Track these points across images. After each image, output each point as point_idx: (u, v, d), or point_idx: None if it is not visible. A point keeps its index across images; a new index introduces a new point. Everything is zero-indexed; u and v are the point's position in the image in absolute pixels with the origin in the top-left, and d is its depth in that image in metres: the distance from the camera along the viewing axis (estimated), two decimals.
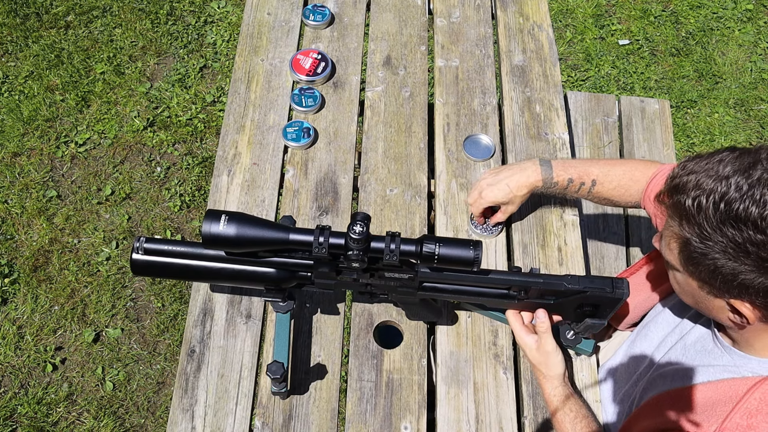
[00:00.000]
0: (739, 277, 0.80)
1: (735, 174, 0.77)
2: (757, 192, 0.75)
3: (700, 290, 0.90)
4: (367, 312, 1.27)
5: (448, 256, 1.01)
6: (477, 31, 1.69)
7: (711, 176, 0.80)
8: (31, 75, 2.66)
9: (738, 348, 0.97)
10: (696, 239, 0.81)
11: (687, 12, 3.14)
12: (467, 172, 1.46)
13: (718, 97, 2.88)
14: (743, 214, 0.75)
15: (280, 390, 1.13)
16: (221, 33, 2.86)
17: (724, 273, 0.81)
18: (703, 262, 0.83)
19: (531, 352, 1.17)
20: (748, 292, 0.82)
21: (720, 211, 0.77)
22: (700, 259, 0.83)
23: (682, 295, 0.99)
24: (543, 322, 1.15)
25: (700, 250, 0.82)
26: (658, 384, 1.07)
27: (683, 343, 1.09)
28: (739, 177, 0.77)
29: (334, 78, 1.58)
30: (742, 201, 0.75)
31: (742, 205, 0.75)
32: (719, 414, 0.89)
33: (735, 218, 0.76)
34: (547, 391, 1.16)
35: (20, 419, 1.99)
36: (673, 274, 0.96)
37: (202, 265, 1.09)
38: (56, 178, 2.44)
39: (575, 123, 2.09)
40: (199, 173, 2.49)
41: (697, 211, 0.79)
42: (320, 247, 1.01)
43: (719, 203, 0.77)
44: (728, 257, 0.79)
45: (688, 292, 0.95)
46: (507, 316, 1.20)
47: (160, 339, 2.17)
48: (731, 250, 0.78)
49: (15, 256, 2.26)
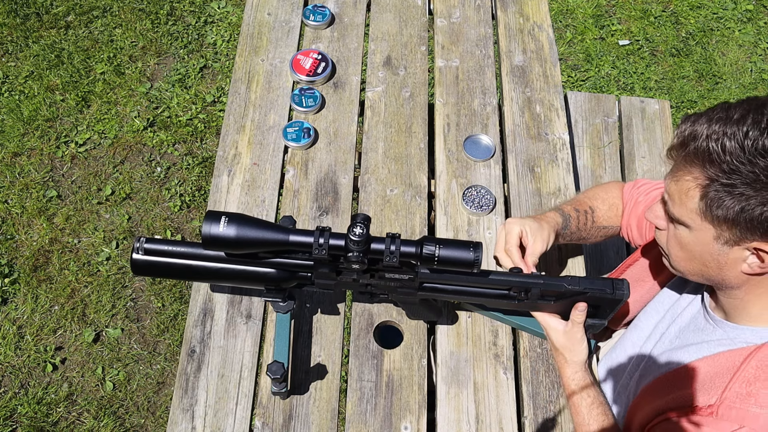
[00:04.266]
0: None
1: (749, 114, 0.82)
2: None
3: (716, 242, 0.90)
4: (368, 312, 1.28)
5: (448, 257, 1.01)
6: (477, 31, 1.69)
7: (724, 120, 0.83)
8: (32, 75, 2.66)
9: (730, 320, 0.99)
10: (724, 177, 0.83)
11: (687, 12, 3.14)
12: (467, 173, 1.47)
13: (718, 97, 2.88)
14: None
15: (281, 390, 1.13)
16: (221, 33, 2.86)
17: (752, 206, 0.82)
18: (729, 201, 0.84)
19: (557, 335, 1.17)
20: None
21: (746, 146, 0.81)
22: (727, 198, 0.84)
23: (685, 262, 0.98)
24: (581, 313, 1.14)
25: (728, 188, 0.83)
26: (653, 370, 1.08)
27: (677, 326, 1.10)
28: (755, 115, 0.81)
29: (335, 78, 1.58)
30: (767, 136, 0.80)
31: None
32: (718, 386, 0.92)
33: (763, 150, 0.80)
34: (567, 374, 1.16)
35: (20, 419, 1.99)
36: (678, 237, 0.95)
37: (202, 265, 1.09)
38: (56, 178, 2.44)
39: (575, 123, 2.09)
40: (199, 173, 2.49)
41: (722, 150, 0.82)
42: (320, 249, 1.01)
43: (743, 140, 0.81)
44: (759, 186, 0.81)
45: (696, 252, 0.94)
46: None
47: (160, 339, 2.17)
48: (764, 177, 0.81)
49: (15, 256, 2.26)
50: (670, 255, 1.01)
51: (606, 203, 1.31)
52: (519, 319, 1.25)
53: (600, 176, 2.01)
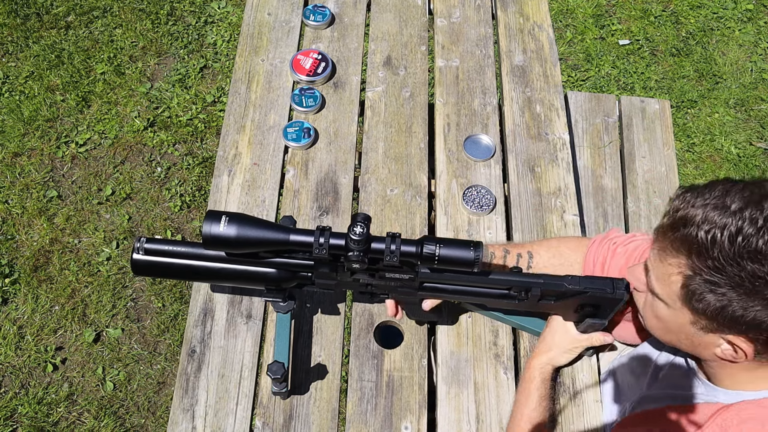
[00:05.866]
0: (750, 313, 0.79)
1: (747, 207, 0.78)
2: None
3: (692, 326, 0.89)
4: (368, 312, 1.28)
5: (449, 257, 1.01)
6: (477, 31, 1.69)
7: (719, 209, 0.79)
8: (32, 75, 2.66)
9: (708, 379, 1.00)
10: (706, 273, 0.80)
11: (687, 12, 3.14)
12: (468, 172, 1.47)
13: (718, 97, 2.88)
14: (764, 248, 0.75)
15: (281, 390, 1.13)
16: (221, 33, 2.86)
17: (734, 308, 0.80)
18: (710, 298, 0.81)
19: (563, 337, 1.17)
20: (757, 329, 0.81)
21: (737, 245, 0.77)
22: (708, 295, 0.81)
23: (659, 331, 0.99)
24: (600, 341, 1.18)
25: (710, 285, 0.80)
26: (648, 401, 1.09)
27: (672, 363, 1.10)
28: (752, 210, 0.77)
29: (335, 78, 1.58)
30: (761, 236, 0.76)
31: (762, 240, 0.76)
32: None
33: (755, 252, 0.76)
34: (541, 360, 1.15)
35: (21, 419, 1.99)
36: (655, 309, 0.95)
37: (203, 265, 1.09)
38: (57, 178, 2.44)
39: (575, 123, 2.09)
40: (199, 173, 2.49)
41: (711, 244, 0.78)
42: (320, 248, 1.01)
43: (735, 237, 0.77)
44: (742, 291, 0.78)
45: (671, 327, 0.94)
46: None
47: (160, 339, 2.17)
48: (748, 284, 0.77)
49: (15, 256, 2.26)
50: (645, 319, 1.01)
51: (551, 251, 1.23)
52: (519, 319, 1.25)
53: (600, 176, 2.01)
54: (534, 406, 1.12)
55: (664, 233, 0.86)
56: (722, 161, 2.72)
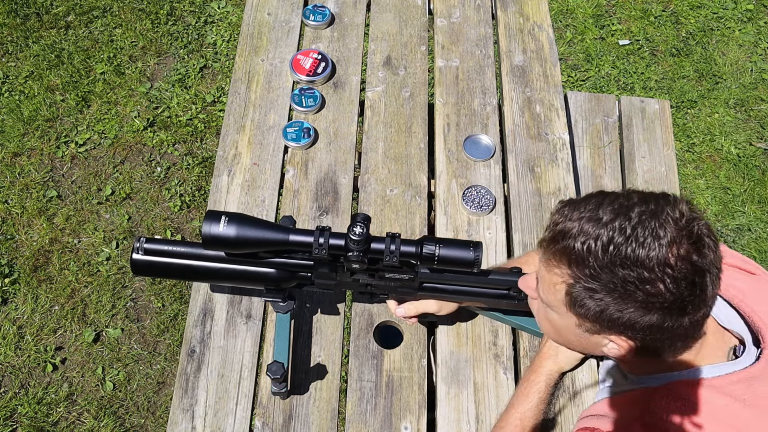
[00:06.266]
0: (625, 315, 0.86)
1: (617, 218, 0.84)
2: (639, 234, 0.82)
3: (578, 328, 0.96)
4: (367, 312, 1.28)
5: (448, 257, 1.01)
6: (477, 31, 1.69)
7: (593, 221, 0.86)
8: (32, 75, 2.66)
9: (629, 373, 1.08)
10: (584, 280, 0.86)
11: (687, 12, 3.14)
12: (467, 173, 1.47)
13: (718, 97, 2.88)
14: (632, 255, 0.82)
15: (281, 390, 1.13)
16: (221, 33, 2.86)
17: (611, 312, 0.87)
18: (590, 303, 0.88)
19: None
20: (633, 329, 0.88)
21: (609, 253, 0.83)
22: (588, 300, 0.88)
23: (553, 334, 1.07)
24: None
25: (589, 291, 0.87)
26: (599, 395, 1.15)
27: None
28: (622, 220, 0.84)
29: (335, 78, 1.58)
30: (629, 244, 0.82)
31: (630, 248, 0.82)
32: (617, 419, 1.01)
33: (624, 259, 0.82)
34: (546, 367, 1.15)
35: (20, 419, 1.99)
36: (547, 314, 1.01)
37: (203, 265, 1.09)
38: (56, 178, 2.44)
39: (575, 123, 2.09)
40: (199, 173, 2.49)
41: (587, 254, 0.85)
42: (320, 248, 1.01)
43: (608, 246, 0.83)
44: (616, 295, 0.85)
45: (562, 331, 1.02)
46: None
47: (160, 339, 2.17)
48: (620, 288, 0.84)
49: (15, 256, 2.26)
50: (540, 324, 1.09)
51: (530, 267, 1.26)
52: (519, 319, 1.25)
53: (600, 176, 2.01)
54: (530, 406, 1.12)
55: (547, 246, 0.92)
56: (722, 161, 2.72)
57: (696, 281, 0.82)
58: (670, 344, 0.91)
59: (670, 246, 0.82)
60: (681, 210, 0.84)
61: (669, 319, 0.85)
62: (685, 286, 0.82)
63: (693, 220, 0.84)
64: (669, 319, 0.85)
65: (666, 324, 0.85)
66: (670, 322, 0.85)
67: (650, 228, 0.82)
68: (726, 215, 2.59)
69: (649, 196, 0.87)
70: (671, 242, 0.82)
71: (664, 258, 0.81)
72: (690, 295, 0.83)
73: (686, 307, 0.84)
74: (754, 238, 2.54)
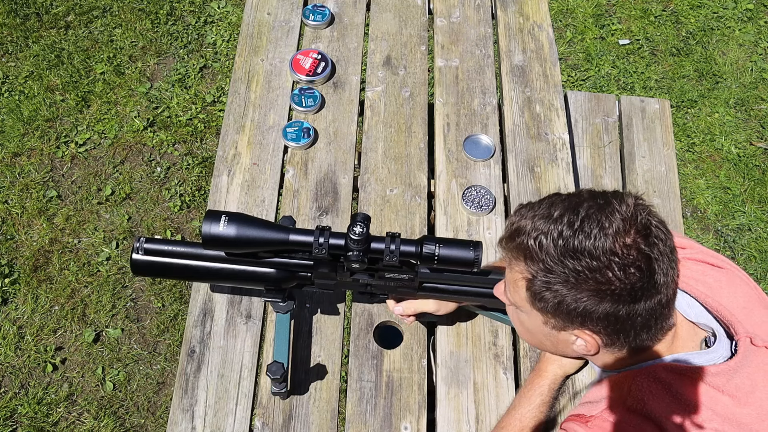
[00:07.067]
0: (581, 305, 0.89)
1: (566, 214, 0.89)
2: (586, 227, 0.87)
3: (545, 326, 0.98)
4: (367, 312, 1.27)
5: (448, 256, 1.01)
6: (477, 31, 1.68)
7: (545, 218, 0.90)
8: (32, 75, 2.66)
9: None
10: (541, 274, 0.90)
11: (687, 12, 3.14)
12: (467, 172, 1.46)
13: (718, 96, 2.88)
14: (579, 247, 0.86)
15: (280, 390, 1.13)
16: (221, 33, 2.86)
17: (568, 302, 0.90)
18: (548, 296, 0.91)
19: None
20: (591, 320, 0.90)
21: (559, 246, 0.87)
22: (546, 293, 0.91)
23: (527, 336, 1.08)
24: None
25: (546, 284, 0.90)
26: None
27: None
28: (570, 215, 0.88)
29: (334, 78, 1.58)
30: (576, 236, 0.87)
31: (577, 240, 0.86)
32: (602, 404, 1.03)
33: (573, 250, 0.87)
34: (550, 370, 1.16)
35: (20, 419, 1.99)
36: (518, 315, 1.03)
37: (202, 265, 1.09)
38: (56, 178, 2.44)
39: (575, 123, 2.09)
40: (199, 173, 2.49)
41: (539, 248, 0.89)
42: (320, 248, 1.01)
43: (557, 240, 0.88)
44: (570, 286, 0.88)
45: (533, 332, 1.03)
46: None
47: (160, 339, 2.17)
48: (573, 278, 0.87)
49: (15, 256, 2.26)
50: (517, 329, 1.09)
51: None
52: None
53: (600, 176, 2.01)
54: (531, 408, 1.12)
55: (506, 245, 0.96)
56: (722, 161, 2.72)
57: (643, 267, 0.86)
58: (634, 335, 0.93)
59: (616, 236, 0.86)
60: (628, 203, 0.88)
61: (623, 307, 0.88)
62: (633, 271, 0.85)
63: (639, 211, 0.88)
64: (623, 307, 0.88)
65: (621, 312, 0.88)
66: (624, 309, 0.88)
67: (596, 220, 0.87)
68: (726, 215, 2.59)
69: (599, 193, 0.91)
70: (617, 232, 0.86)
71: (610, 247, 0.85)
72: (639, 281, 0.86)
73: (637, 293, 0.87)
74: (754, 238, 2.54)
